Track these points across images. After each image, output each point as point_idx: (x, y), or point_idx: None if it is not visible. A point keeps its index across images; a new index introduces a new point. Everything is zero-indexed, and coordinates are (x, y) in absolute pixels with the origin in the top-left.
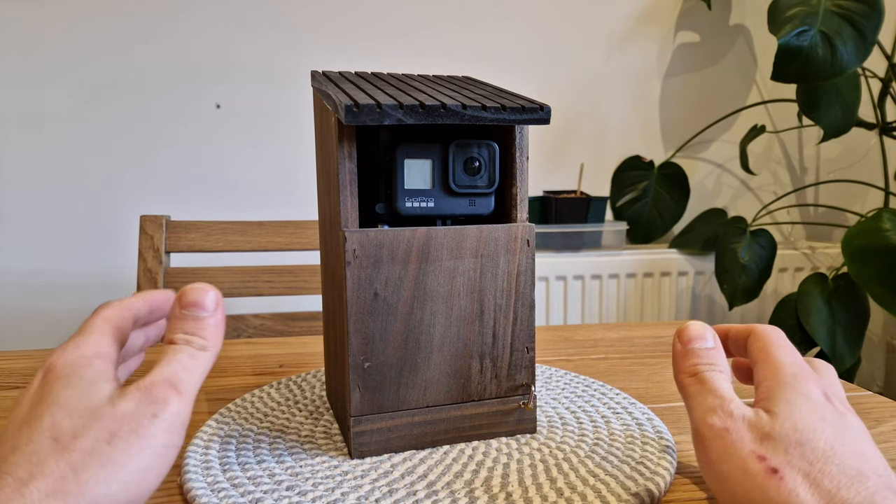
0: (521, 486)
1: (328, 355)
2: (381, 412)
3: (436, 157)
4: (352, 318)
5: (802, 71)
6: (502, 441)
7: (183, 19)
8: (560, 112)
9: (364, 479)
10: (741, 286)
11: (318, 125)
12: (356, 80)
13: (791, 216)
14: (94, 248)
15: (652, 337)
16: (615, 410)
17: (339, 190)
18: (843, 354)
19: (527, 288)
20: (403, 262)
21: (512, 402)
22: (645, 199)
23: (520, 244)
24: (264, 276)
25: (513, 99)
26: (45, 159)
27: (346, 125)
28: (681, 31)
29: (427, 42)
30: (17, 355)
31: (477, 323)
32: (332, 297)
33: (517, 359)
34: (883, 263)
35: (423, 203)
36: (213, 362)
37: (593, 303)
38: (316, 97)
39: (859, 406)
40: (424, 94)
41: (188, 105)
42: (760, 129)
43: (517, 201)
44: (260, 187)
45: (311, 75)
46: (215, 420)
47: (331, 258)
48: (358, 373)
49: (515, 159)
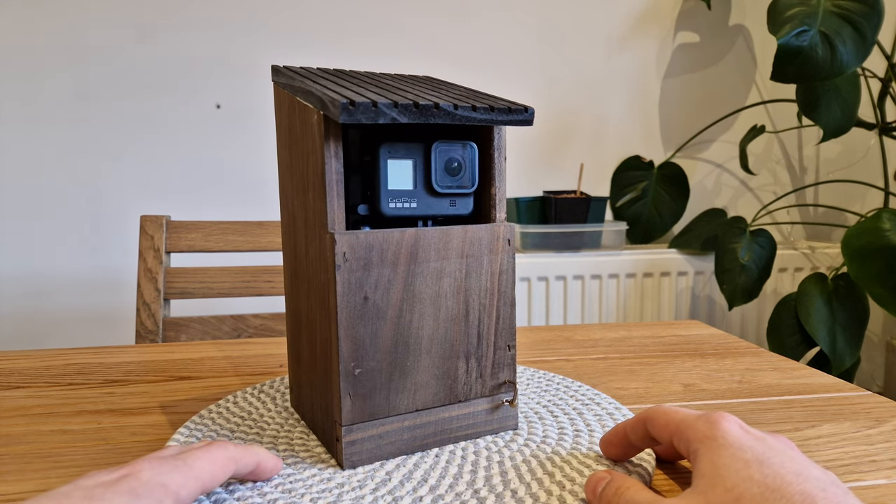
0: (523, 482)
1: (298, 364)
2: (373, 419)
3: (418, 158)
4: (341, 323)
5: (802, 71)
6: (488, 440)
7: (183, 19)
8: (560, 112)
9: (363, 489)
10: (741, 286)
11: (285, 122)
12: (331, 77)
13: (791, 216)
14: (94, 248)
15: (652, 337)
16: (583, 402)
17: (325, 191)
18: (842, 354)
19: (508, 286)
20: (392, 264)
21: (496, 401)
22: (645, 199)
23: (501, 243)
24: (264, 276)
25: (496, 100)
26: (45, 159)
27: (333, 123)
28: (680, 31)
29: (427, 42)
30: (17, 355)
31: (463, 323)
32: (310, 303)
33: (500, 357)
34: (883, 263)
35: (406, 204)
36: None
37: (593, 303)
38: (282, 93)
39: (859, 406)
40: (410, 94)
41: (188, 105)
42: (760, 129)
43: (496, 201)
44: (260, 187)
45: (273, 70)
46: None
47: (307, 262)
48: (349, 380)
49: (494, 160)
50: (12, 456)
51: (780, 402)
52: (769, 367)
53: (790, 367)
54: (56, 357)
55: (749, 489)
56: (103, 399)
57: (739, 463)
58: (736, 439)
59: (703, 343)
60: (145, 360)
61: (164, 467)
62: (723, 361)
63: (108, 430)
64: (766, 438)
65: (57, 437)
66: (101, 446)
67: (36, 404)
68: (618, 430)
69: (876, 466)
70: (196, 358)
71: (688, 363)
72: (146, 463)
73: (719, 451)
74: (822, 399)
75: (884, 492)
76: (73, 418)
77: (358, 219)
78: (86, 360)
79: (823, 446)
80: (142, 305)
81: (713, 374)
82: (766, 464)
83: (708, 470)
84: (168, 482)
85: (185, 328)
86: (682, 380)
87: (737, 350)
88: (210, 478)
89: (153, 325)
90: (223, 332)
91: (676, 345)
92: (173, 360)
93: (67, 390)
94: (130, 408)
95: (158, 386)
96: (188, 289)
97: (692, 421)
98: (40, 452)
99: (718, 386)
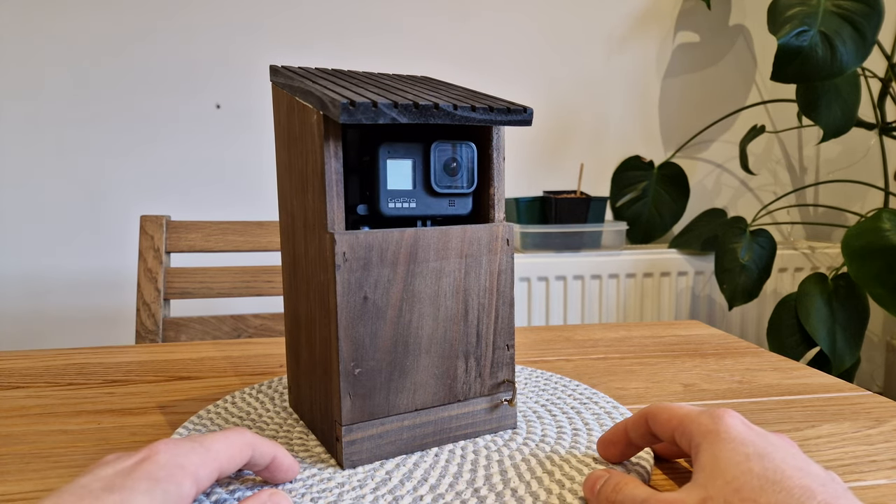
0: (523, 481)
1: (297, 364)
2: (372, 419)
3: (417, 158)
4: (341, 323)
5: (802, 71)
6: (487, 439)
7: (183, 19)
8: (560, 112)
9: (364, 488)
10: (741, 286)
11: (283, 122)
12: (330, 77)
13: (791, 216)
14: (94, 248)
15: (652, 337)
16: (581, 401)
17: (325, 190)
18: (842, 354)
19: (507, 286)
20: (392, 264)
21: (495, 400)
22: (645, 199)
23: (500, 243)
24: (264, 276)
25: (495, 100)
26: (45, 159)
27: (333, 123)
28: (680, 31)
29: (426, 42)
30: (17, 355)
31: (462, 323)
32: (309, 303)
33: (499, 356)
34: (883, 263)
35: (405, 204)
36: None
37: (593, 303)
38: (280, 93)
39: (859, 406)
40: (410, 94)
41: (188, 105)
42: (760, 129)
43: (495, 201)
44: (260, 187)
45: (272, 70)
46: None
47: (307, 262)
48: (349, 380)
49: (493, 160)
50: (12, 456)
51: (780, 402)
52: (769, 367)
53: (790, 367)
54: (56, 357)
55: (749, 482)
56: (103, 399)
57: (740, 456)
58: (738, 434)
59: (703, 343)
60: (145, 360)
61: (181, 448)
62: (723, 361)
63: (108, 430)
64: (767, 435)
65: (57, 437)
66: (101, 446)
67: (36, 404)
68: (617, 428)
69: (876, 466)
70: (196, 358)
71: (688, 363)
72: (163, 445)
73: (720, 444)
74: (822, 399)
75: (884, 492)
76: (73, 418)
77: (357, 219)
78: (86, 360)
79: (823, 446)
80: (142, 305)
81: (713, 374)
82: (767, 458)
83: (708, 463)
84: (186, 463)
85: (185, 328)
86: (682, 380)
87: (737, 350)
88: (227, 460)
89: (153, 325)
90: (223, 332)
91: (676, 345)
92: (173, 360)
93: (67, 390)
94: (130, 408)
95: (158, 386)
96: (188, 289)
97: (695, 416)
98: (40, 452)
99: (718, 386)
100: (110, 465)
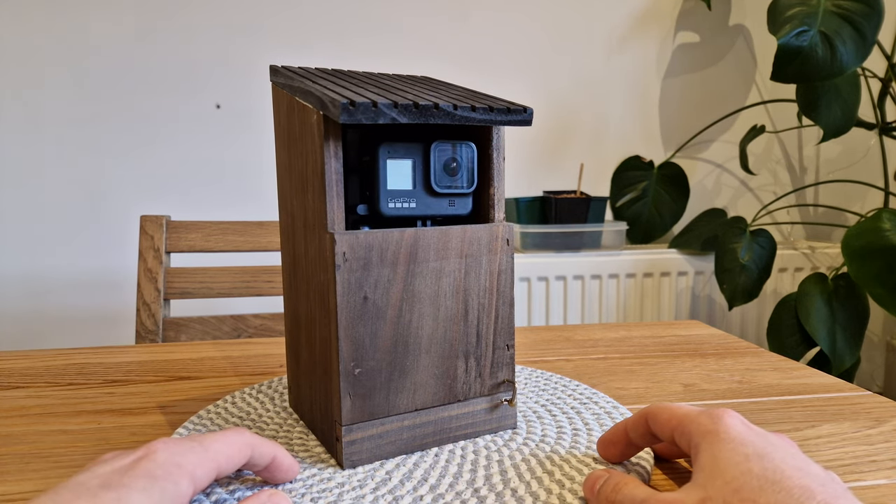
0: (523, 481)
1: (296, 364)
2: (372, 419)
3: (417, 158)
4: (341, 323)
5: (802, 71)
6: (487, 439)
7: (183, 19)
8: (560, 112)
9: (363, 488)
10: (741, 286)
11: (283, 122)
12: (330, 77)
13: (791, 216)
14: (94, 248)
15: (652, 337)
16: (581, 401)
17: (325, 190)
18: (842, 354)
19: (507, 286)
20: (392, 264)
21: (495, 400)
22: (645, 199)
23: (500, 243)
24: (264, 276)
25: (495, 100)
26: (45, 159)
27: (332, 123)
28: (680, 32)
29: (426, 42)
30: (17, 355)
31: (462, 323)
32: (309, 303)
33: (499, 356)
34: (883, 263)
35: (405, 204)
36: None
37: (593, 303)
38: (280, 93)
39: (859, 406)
40: (410, 94)
41: (188, 105)
42: (760, 129)
43: (495, 201)
44: (260, 187)
45: (272, 70)
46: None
47: (307, 262)
48: (349, 380)
49: (493, 160)
50: (12, 456)
51: (779, 402)
52: (769, 367)
53: (790, 367)
54: (56, 357)
55: (748, 482)
56: (103, 399)
57: (740, 456)
58: (737, 434)
59: (703, 343)
60: (145, 360)
61: (179, 447)
62: (723, 361)
63: (108, 430)
64: (767, 435)
65: (57, 437)
66: (101, 446)
67: (36, 404)
68: (617, 428)
69: (876, 466)
70: (196, 358)
71: (688, 363)
72: (161, 444)
73: (720, 444)
74: (821, 399)
75: (884, 492)
76: (73, 418)
77: (357, 219)
78: (86, 360)
79: (823, 446)
80: (142, 305)
81: (713, 374)
82: (767, 458)
83: (708, 463)
84: (183, 462)
85: (185, 328)
86: (682, 380)
87: (737, 350)
88: (226, 460)
89: (153, 325)
90: (223, 332)
91: (676, 345)
92: (173, 360)
93: (67, 390)
94: (130, 408)
95: (158, 386)
96: (188, 289)
97: (695, 416)
98: (40, 452)
99: (718, 386)
100: (108, 463)
